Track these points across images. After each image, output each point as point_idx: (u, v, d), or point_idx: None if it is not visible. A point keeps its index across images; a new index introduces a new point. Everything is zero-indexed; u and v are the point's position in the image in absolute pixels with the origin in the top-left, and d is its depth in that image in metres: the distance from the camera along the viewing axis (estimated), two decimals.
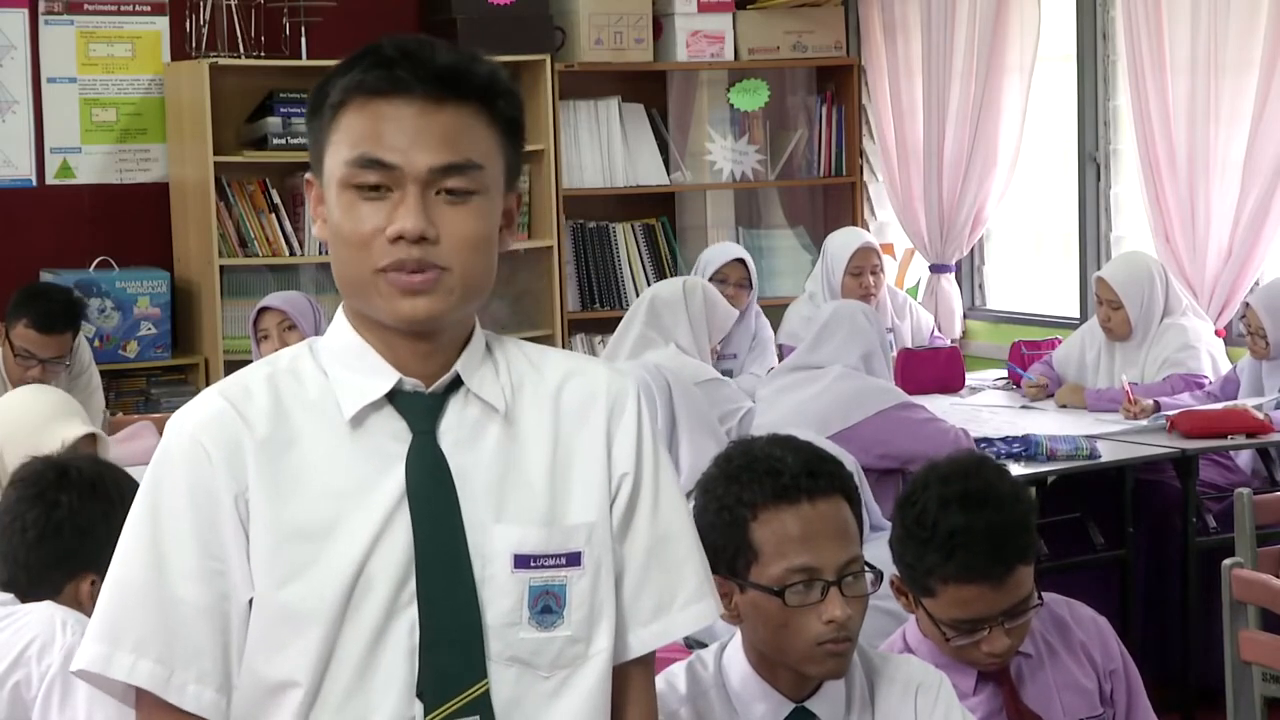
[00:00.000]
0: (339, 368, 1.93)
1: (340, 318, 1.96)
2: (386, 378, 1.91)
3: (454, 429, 1.92)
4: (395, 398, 1.91)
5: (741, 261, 6.63)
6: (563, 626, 1.91)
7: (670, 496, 2.00)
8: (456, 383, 1.93)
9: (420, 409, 1.91)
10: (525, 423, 1.94)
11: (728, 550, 2.40)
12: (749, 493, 2.40)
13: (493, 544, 1.89)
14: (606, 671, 1.94)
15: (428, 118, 1.86)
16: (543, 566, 1.90)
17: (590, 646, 1.93)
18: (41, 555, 3.04)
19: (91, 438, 4.00)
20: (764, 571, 2.39)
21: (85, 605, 3.06)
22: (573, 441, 1.95)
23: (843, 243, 6.95)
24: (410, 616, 1.87)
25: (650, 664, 2.04)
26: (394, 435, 1.90)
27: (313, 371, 1.94)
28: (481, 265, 1.90)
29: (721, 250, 6.83)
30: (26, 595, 3.05)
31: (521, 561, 1.90)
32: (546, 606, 1.90)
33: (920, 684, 2.50)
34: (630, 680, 1.99)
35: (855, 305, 5.55)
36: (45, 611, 2.97)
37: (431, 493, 1.88)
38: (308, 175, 1.96)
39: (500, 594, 1.89)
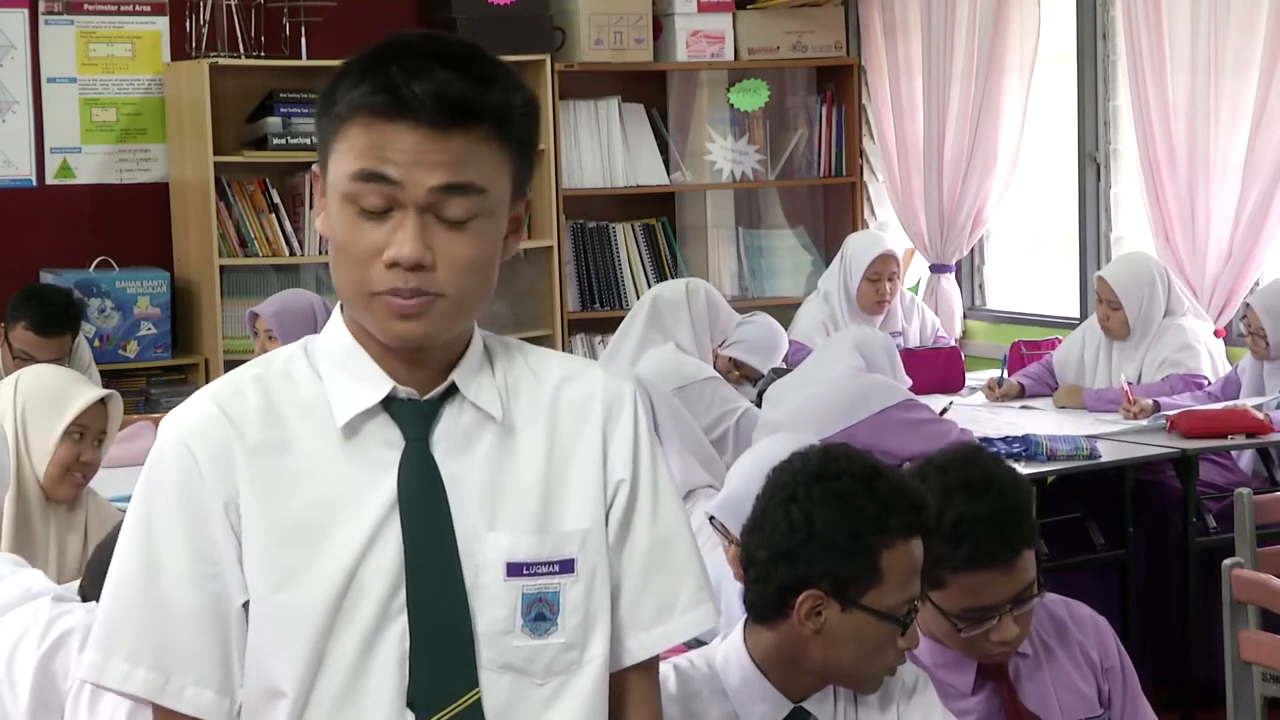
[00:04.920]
0: (333, 370, 1.91)
1: (337, 318, 1.95)
2: (380, 386, 1.89)
3: (447, 436, 1.90)
4: (389, 404, 1.89)
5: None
6: (556, 634, 1.90)
7: (669, 500, 1.99)
8: (452, 389, 1.91)
9: (414, 416, 1.90)
10: (521, 428, 1.93)
11: (844, 570, 2.41)
12: (896, 520, 2.41)
13: (485, 552, 1.88)
14: (602, 678, 1.93)
15: (434, 143, 1.82)
16: (536, 574, 1.89)
17: (585, 653, 1.92)
18: None
19: (102, 403, 4.07)
20: (883, 599, 2.41)
21: None
22: (569, 446, 1.94)
23: (863, 246, 6.94)
24: (401, 625, 1.86)
25: (653, 669, 2.03)
26: (387, 442, 1.89)
27: (306, 373, 1.92)
28: (478, 288, 1.87)
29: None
30: None
31: (514, 570, 1.88)
32: (540, 614, 1.89)
33: (901, 683, 2.53)
34: (633, 685, 1.99)
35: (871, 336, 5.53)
36: (34, 604, 2.97)
37: (423, 501, 1.87)
38: (314, 166, 1.93)
39: (493, 602, 1.88)
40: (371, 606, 1.85)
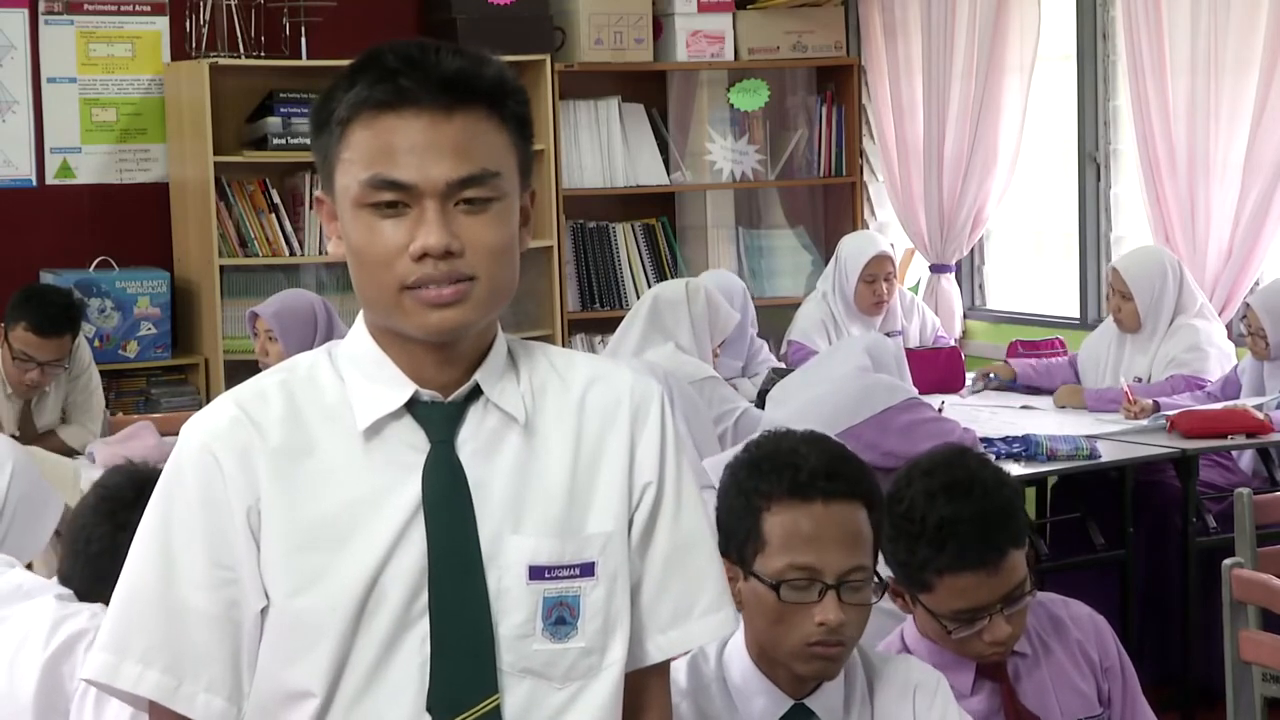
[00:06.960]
0: (357, 375, 1.91)
1: (360, 325, 1.94)
2: (403, 389, 1.88)
3: (473, 438, 1.89)
4: (414, 407, 1.89)
5: None
6: (577, 638, 1.89)
7: (691, 504, 1.98)
8: (476, 392, 1.91)
9: (439, 418, 1.89)
10: (547, 431, 1.92)
11: (739, 536, 2.42)
12: (767, 483, 2.41)
13: (508, 555, 1.87)
14: (619, 682, 1.93)
15: (438, 129, 1.83)
16: (557, 577, 1.88)
17: (604, 658, 1.91)
18: (97, 570, 2.98)
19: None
20: (767, 563, 2.39)
21: None
22: (596, 449, 1.93)
23: (858, 248, 6.94)
24: (422, 629, 1.85)
25: (666, 671, 2.02)
26: (412, 445, 1.88)
27: (331, 378, 1.91)
28: (507, 272, 1.88)
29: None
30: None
31: (536, 573, 1.88)
32: (560, 618, 1.89)
33: (918, 684, 2.52)
34: (647, 687, 1.99)
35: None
36: (37, 604, 2.96)
37: (448, 503, 1.86)
38: (318, 193, 1.93)
39: (514, 606, 1.87)
40: (393, 610, 1.85)
